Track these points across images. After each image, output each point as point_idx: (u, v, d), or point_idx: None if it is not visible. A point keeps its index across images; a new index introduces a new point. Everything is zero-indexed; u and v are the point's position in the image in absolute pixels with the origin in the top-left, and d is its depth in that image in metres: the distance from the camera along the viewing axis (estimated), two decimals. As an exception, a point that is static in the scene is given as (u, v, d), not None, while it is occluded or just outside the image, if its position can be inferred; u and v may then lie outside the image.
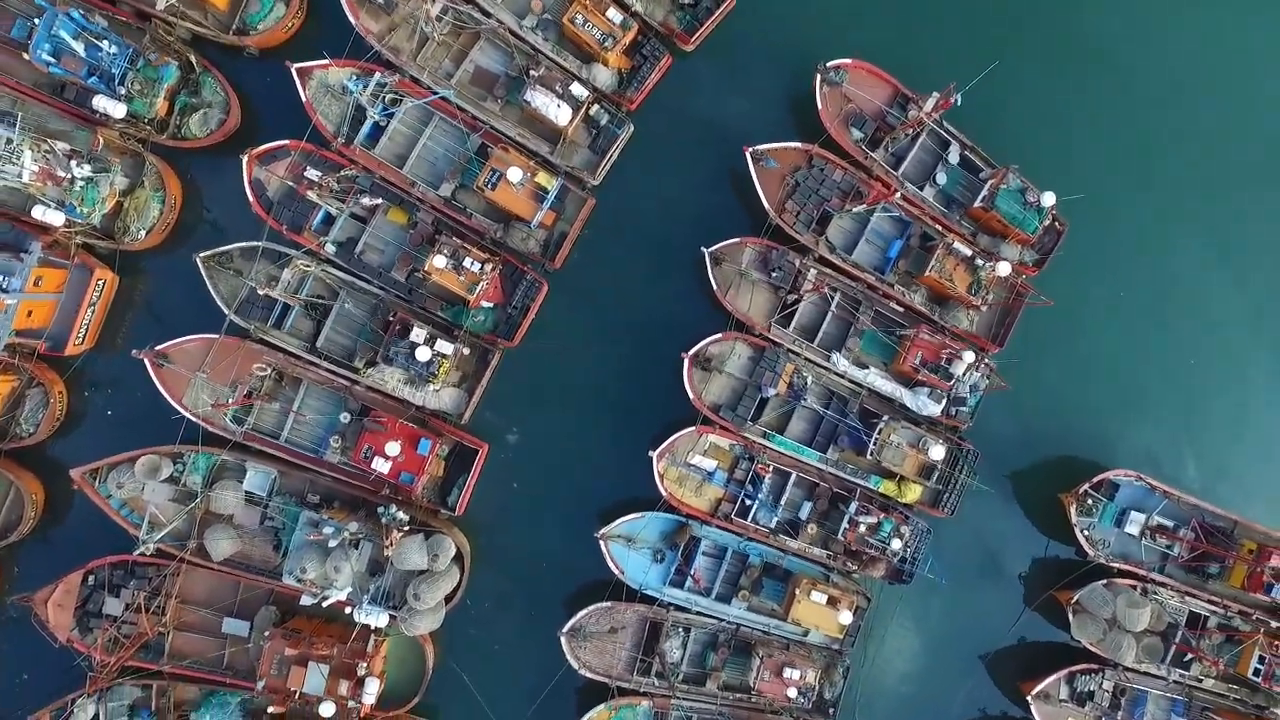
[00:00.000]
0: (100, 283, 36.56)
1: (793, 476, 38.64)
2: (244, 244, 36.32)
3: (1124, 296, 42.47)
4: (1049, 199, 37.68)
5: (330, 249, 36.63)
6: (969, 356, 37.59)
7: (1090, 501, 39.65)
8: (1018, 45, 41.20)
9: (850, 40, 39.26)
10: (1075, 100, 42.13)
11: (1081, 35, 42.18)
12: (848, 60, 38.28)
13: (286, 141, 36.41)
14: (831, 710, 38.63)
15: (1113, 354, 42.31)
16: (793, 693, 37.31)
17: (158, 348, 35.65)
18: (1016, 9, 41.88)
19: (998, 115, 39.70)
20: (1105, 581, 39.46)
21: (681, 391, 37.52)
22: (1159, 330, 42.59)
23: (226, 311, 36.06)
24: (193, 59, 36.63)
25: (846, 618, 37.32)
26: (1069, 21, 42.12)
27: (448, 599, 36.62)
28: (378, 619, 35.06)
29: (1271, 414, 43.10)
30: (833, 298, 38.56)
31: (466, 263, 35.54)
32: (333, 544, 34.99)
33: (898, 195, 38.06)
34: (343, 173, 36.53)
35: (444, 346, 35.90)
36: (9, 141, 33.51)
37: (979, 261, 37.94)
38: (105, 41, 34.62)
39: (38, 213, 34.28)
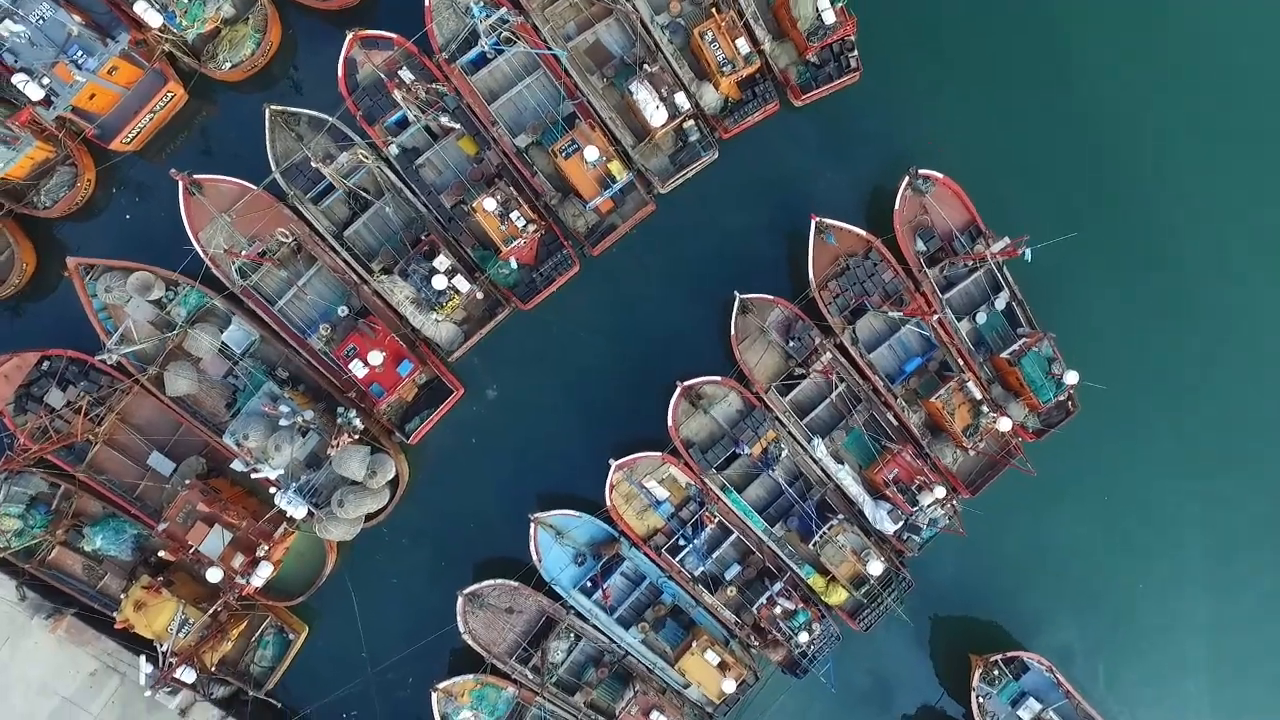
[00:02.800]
0: (169, 95, 36.71)
1: (733, 536, 38.74)
2: (316, 113, 36.39)
3: (1106, 501, 42.36)
4: (1072, 378, 37.87)
5: (393, 151, 36.76)
6: (939, 492, 37.72)
7: (996, 672, 39.68)
8: (1103, 228, 41.07)
9: (949, 156, 39.42)
10: (1136, 300, 41.85)
11: (1159, 249, 41.81)
12: (939, 174, 38.51)
13: (394, 35, 36.60)
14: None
15: (1071, 546, 42.23)
16: (651, 736, 37.35)
17: (196, 176, 35.67)
18: (1114, 198, 41.57)
19: (1057, 281, 39.87)
20: (981, 752, 39.60)
21: (663, 415, 37.62)
22: (1124, 545, 42.40)
23: (274, 169, 36.13)
24: (340, -76, 37.04)
25: (730, 686, 37.39)
26: (1156, 229, 41.77)
27: (369, 517, 36.72)
28: (297, 509, 35.01)
29: (1193, 666, 42.92)
30: (837, 386, 38.75)
31: (513, 215, 35.66)
32: (283, 423, 35.05)
33: (935, 317, 38.31)
34: (434, 86, 36.68)
35: (461, 283, 35.99)
36: (137, -68, 33.79)
37: (984, 409, 38.15)
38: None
39: (139, 8, 34.37)
